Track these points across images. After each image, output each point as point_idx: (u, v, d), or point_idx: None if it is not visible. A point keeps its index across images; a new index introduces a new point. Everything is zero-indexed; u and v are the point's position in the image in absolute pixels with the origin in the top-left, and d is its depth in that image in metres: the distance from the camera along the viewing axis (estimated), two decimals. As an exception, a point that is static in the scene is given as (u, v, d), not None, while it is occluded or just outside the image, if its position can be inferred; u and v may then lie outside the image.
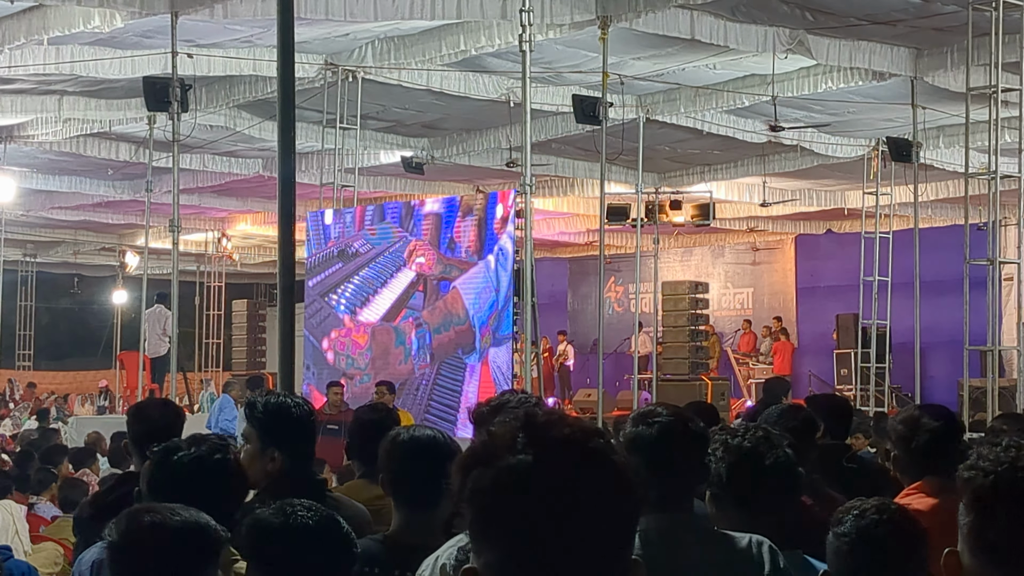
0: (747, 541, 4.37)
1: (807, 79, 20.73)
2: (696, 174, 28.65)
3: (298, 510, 3.96)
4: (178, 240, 19.26)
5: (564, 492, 2.12)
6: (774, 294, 37.48)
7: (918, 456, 5.70)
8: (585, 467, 2.15)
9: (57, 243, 40.62)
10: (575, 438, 2.17)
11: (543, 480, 2.12)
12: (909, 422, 5.82)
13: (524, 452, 2.14)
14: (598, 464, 2.17)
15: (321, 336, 21.28)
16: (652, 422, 4.44)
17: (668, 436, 4.40)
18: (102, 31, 17.66)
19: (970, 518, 2.49)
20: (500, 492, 2.14)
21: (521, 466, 2.13)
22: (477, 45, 18.77)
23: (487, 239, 19.23)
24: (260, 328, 36.69)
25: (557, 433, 2.18)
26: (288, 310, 8.34)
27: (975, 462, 2.53)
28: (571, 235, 36.89)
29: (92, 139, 25.93)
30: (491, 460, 2.17)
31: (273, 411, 5.49)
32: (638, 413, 4.53)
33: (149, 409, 6.79)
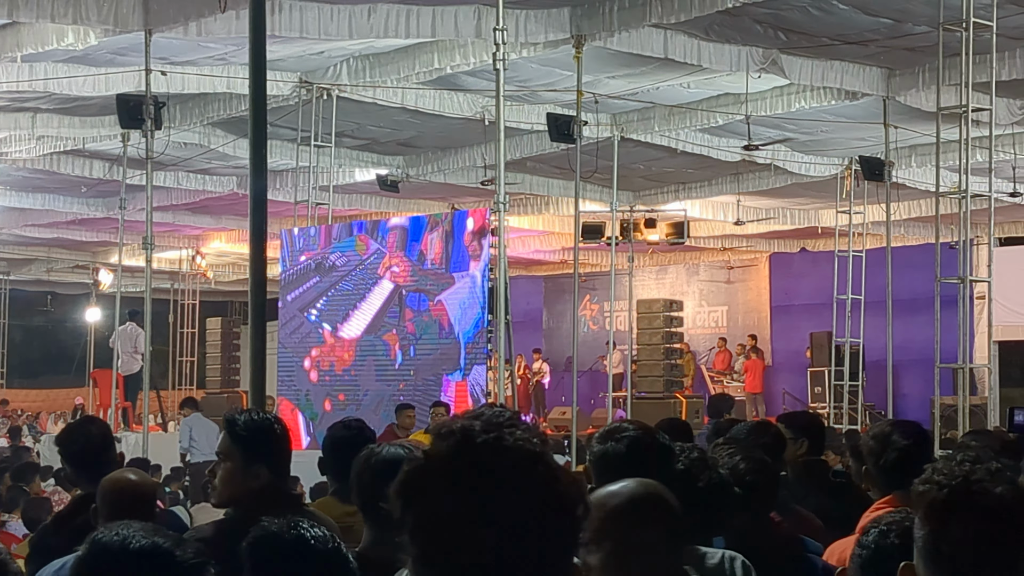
0: (720, 556, 4.39)
1: (780, 98, 20.84)
2: (670, 192, 28.70)
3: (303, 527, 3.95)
4: (151, 258, 19.21)
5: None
6: (748, 312, 37.52)
7: (887, 471, 5.74)
8: None
9: (30, 260, 40.48)
10: None
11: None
12: (880, 438, 5.87)
13: None
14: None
15: (302, 354, 21.21)
16: (620, 437, 4.45)
17: (636, 451, 4.42)
18: (76, 48, 17.64)
19: (924, 531, 2.53)
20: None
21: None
22: (452, 63, 18.82)
23: (454, 253, 19.22)
24: (234, 346, 36.52)
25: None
26: (259, 328, 8.33)
27: (930, 476, 2.58)
28: (546, 253, 36.91)
29: (66, 156, 25.87)
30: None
31: (256, 428, 5.50)
32: (605, 430, 4.56)
33: (77, 432, 6.81)
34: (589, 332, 37.77)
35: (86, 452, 6.55)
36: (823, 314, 27.27)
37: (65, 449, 6.70)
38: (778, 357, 35.72)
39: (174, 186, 27.80)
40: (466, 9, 16.91)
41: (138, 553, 3.39)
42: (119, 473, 6.28)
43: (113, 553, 3.40)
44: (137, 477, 6.38)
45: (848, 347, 24.69)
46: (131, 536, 3.43)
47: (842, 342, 24.93)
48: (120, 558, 3.40)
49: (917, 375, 27.93)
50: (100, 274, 37.01)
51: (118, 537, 3.42)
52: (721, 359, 35.88)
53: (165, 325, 37.30)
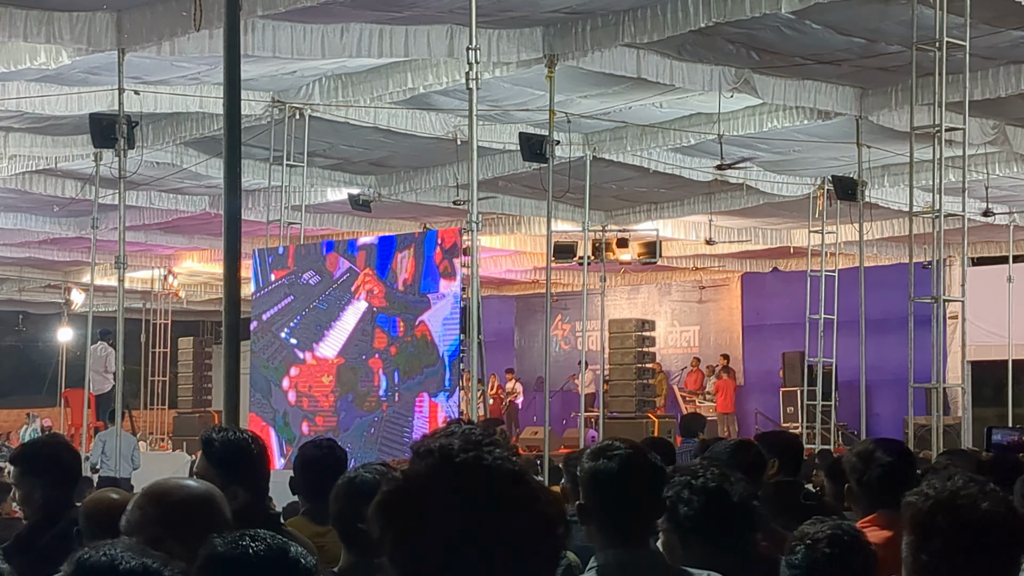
0: None
1: (753, 118, 20.84)
2: (643, 212, 28.70)
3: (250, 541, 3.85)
4: (124, 277, 19.09)
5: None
6: (720, 332, 37.56)
7: (871, 489, 5.71)
8: None
9: (2, 280, 40.27)
10: None
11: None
12: (863, 455, 5.84)
13: None
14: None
15: (280, 374, 21.04)
16: (612, 455, 4.40)
17: (628, 469, 4.36)
18: (48, 67, 17.54)
19: (908, 539, 2.57)
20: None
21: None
22: (424, 83, 18.77)
23: (426, 274, 19.12)
24: (206, 366, 36.50)
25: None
26: (233, 347, 8.26)
27: (922, 489, 2.61)
28: (518, 273, 36.87)
29: (38, 176, 25.71)
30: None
31: (233, 448, 5.43)
32: (596, 447, 4.49)
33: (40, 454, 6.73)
34: (561, 352, 37.76)
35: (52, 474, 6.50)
36: (795, 334, 27.30)
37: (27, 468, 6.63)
38: (750, 377, 35.76)
39: (146, 205, 27.69)
40: (439, 29, 16.87)
41: (128, 573, 3.31)
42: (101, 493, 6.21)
43: (102, 574, 3.32)
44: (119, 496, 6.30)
45: (820, 367, 24.71)
46: (119, 556, 3.34)
47: (814, 362, 24.95)
48: None
49: (890, 395, 27.98)
50: (72, 294, 36.89)
51: (106, 558, 3.34)
52: (693, 379, 35.92)
53: (137, 345, 37.11)
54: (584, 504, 4.38)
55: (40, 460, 6.45)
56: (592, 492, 4.37)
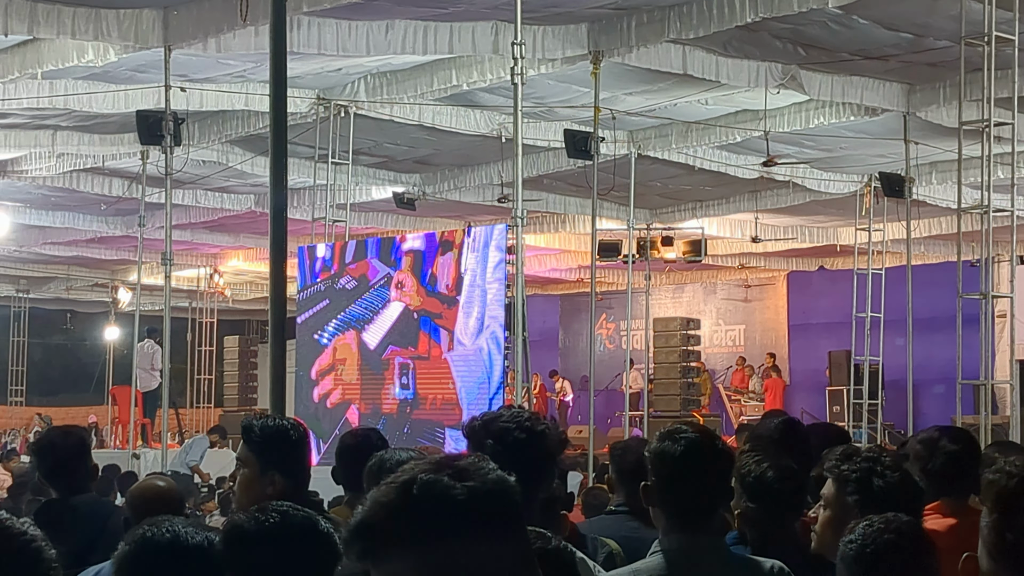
0: (770, 566, 4.34)
1: (799, 114, 20.70)
2: (688, 210, 28.59)
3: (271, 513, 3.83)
4: (170, 275, 19.15)
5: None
6: (766, 331, 37.39)
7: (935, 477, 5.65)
8: None
9: (50, 279, 40.49)
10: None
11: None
12: (928, 443, 5.79)
13: None
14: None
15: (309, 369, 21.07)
16: (679, 438, 4.39)
17: (694, 453, 4.36)
18: (96, 65, 17.61)
19: (990, 519, 2.54)
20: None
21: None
22: (469, 80, 18.71)
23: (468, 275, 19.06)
24: (252, 364, 36.58)
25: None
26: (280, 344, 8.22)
27: (1000, 467, 2.58)
28: (562, 272, 36.82)
29: (85, 174, 25.84)
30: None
31: (271, 434, 5.42)
32: (665, 430, 4.52)
33: (53, 442, 6.78)
34: (605, 351, 37.64)
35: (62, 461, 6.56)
36: (842, 333, 27.12)
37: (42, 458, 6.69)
38: (796, 376, 35.57)
39: (192, 204, 27.77)
40: (484, 25, 16.83)
41: (195, 549, 3.37)
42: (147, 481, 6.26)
43: (166, 549, 3.37)
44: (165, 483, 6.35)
45: (867, 366, 24.54)
46: (183, 532, 3.41)
47: (861, 361, 24.78)
48: (172, 552, 3.36)
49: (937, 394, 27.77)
50: (119, 292, 37.05)
51: (170, 533, 3.39)
52: (738, 378, 35.77)
53: (183, 343, 37.26)
54: (649, 485, 4.40)
55: None
56: (658, 473, 4.40)
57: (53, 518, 6.27)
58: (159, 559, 3.41)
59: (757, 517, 5.19)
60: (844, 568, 4.41)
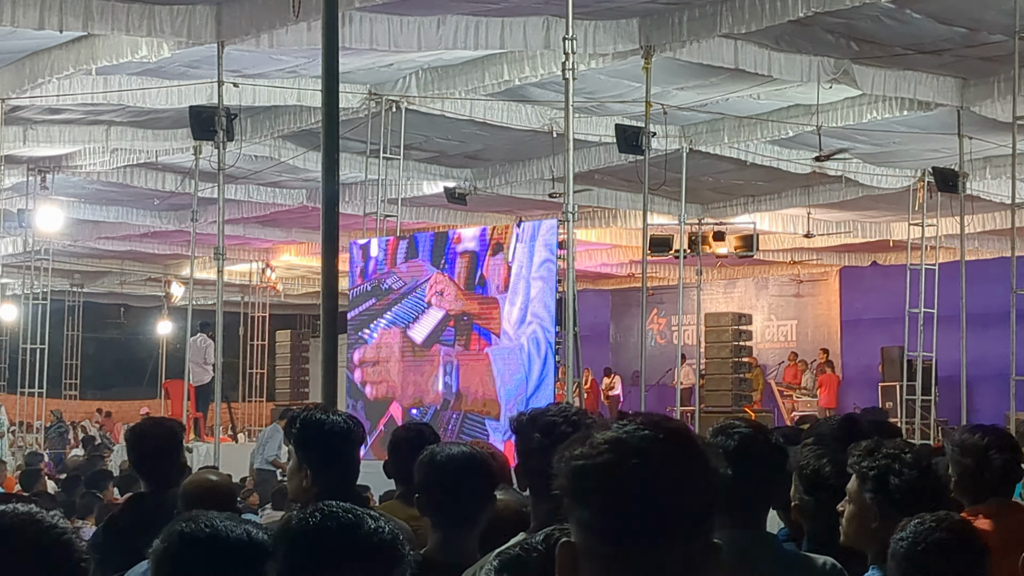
0: (822, 563, 4.34)
1: (852, 109, 20.61)
2: (740, 205, 28.51)
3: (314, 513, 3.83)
4: (223, 270, 19.25)
5: (652, 457, 2.28)
6: (818, 326, 37.25)
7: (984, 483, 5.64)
8: (682, 447, 2.35)
9: (104, 273, 40.79)
10: (661, 419, 2.36)
11: (634, 448, 2.29)
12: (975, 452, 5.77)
13: (618, 431, 2.30)
14: (691, 446, 2.36)
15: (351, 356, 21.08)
16: (732, 433, 4.38)
17: (748, 448, 4.36)
18: (149, 61, 17.72)
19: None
20: (595, 456, 2.28)
21: (615, 438, 2.30)
22: (520, 75, 18.74)
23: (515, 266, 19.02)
24: (303, 359, 36.66)
25: (647, 416, 2.35)
26: (331, 338, 8.26)
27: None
28: (613, 267, 36.81)
29: (139, 169, 26.04)
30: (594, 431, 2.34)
31: (305, 426, 5.43)
32: (718, 426, 4.52)
33: (145, 432, 6.79)
34: (656, 346, 37.59)
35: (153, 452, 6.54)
36: (894, 328, 26.97)
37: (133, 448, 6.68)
38: (848, 371, 35.42)
39: (245, 199, 27.90)
40: (535, 20, 16.85)
41: (235, 543, 3.32)
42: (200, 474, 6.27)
43: (204, 544, 3.33)
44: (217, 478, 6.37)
45: (920, 361, 24.40)
46: (221, 526, 3.34)
47: (914, 356, 24.63)
48: (211, 548, 3.32)
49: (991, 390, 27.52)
50: (172, 287, 37.25)
51: (209, 528, 3.33)
52: (791, 373, 35.63)
53: (235, 338, 37.40)
54: None
55: None
56: None
57: (140, 510, 6.26)
58: (197, 555, 3.35)
59: (813, 510, 5.19)
60: (895, 565, 4.41)
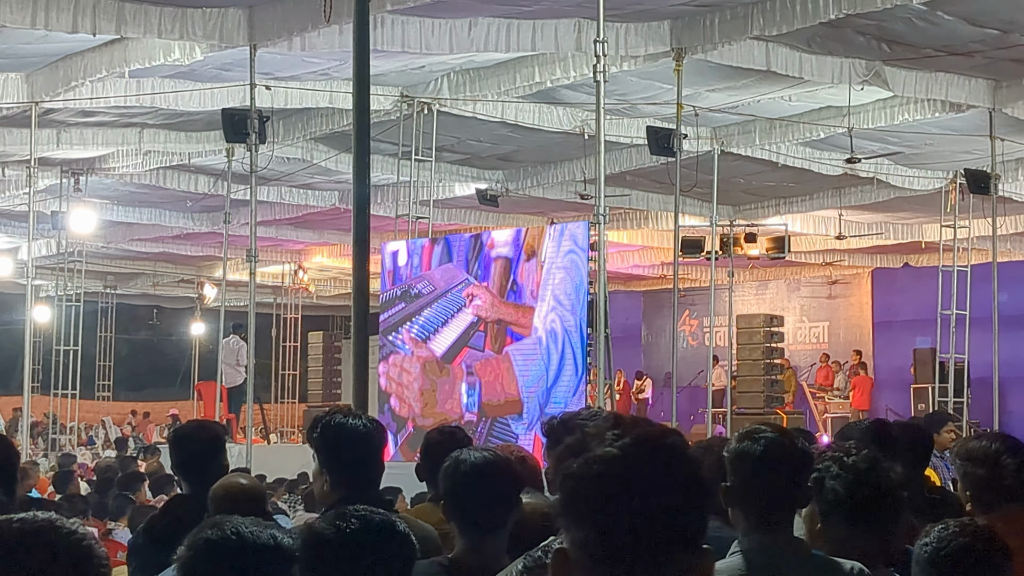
0: (849, 567, 4.36)
1: (884, 111, 20.59)
2: (771, 207, 28.49)
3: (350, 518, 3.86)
4: (255, 271, 19.32)
5: (643, 480, 2.29)
6: (850, 328, 37.18)
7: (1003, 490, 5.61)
8: (663, 459, 2.33)
9: (137, 275, 40.94)
10: (654, 434, 2.36)
11: (626, 468, 2.30)
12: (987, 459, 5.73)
13: (612, 444, 2.32)
14: (673, 457, 2.34)
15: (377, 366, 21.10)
16: (758, 438, 4.42)
17: (774, 453, 4.38)
18: (182, 64, 17.82)
19: None
20: (589, 479, 2.31)
21: (609, 456, 2.31)
22: (552, 77, 18.78)
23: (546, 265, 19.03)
24: (336, 360, 36.71)
25: (640, 431, 2.36)
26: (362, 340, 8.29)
27: None
28: (645, 268, 36.79)
29: (171, 171, 26.15)
30: (585, 450, 2.36)
31: (324, 430, 5.44)
32: (744, 431, 4.53)
33: (188, 434, 6.79)
34: (688, 348, 37.55)
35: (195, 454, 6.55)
36: (927, 330, 26.93)
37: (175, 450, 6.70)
38: (880, 373, 35.33)
39: (277, 201, 27.99)
40: (566, 23, 16.88)
41: (262, 549, 3.32)
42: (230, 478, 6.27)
43: (231, 551, 3.33)
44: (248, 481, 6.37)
45: (953, 363, 24.33)
46: (247, 532, 3.32)
47: (946, 358, 24.56)
48: (237, 553, 3.32)
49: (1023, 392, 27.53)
50: (204, 288, 37.36)
51: (235, 535, 3.32)
52: (822, 375, 35.55)
53: (268, 339, 37.52)
54: (729, 485, 4.40)
55: None
56: (737, 473, 4.41)
57: (180, 513, 6.25)
58: (223, 561, 3.36)
59: None
60: (919, 570, 4.42)
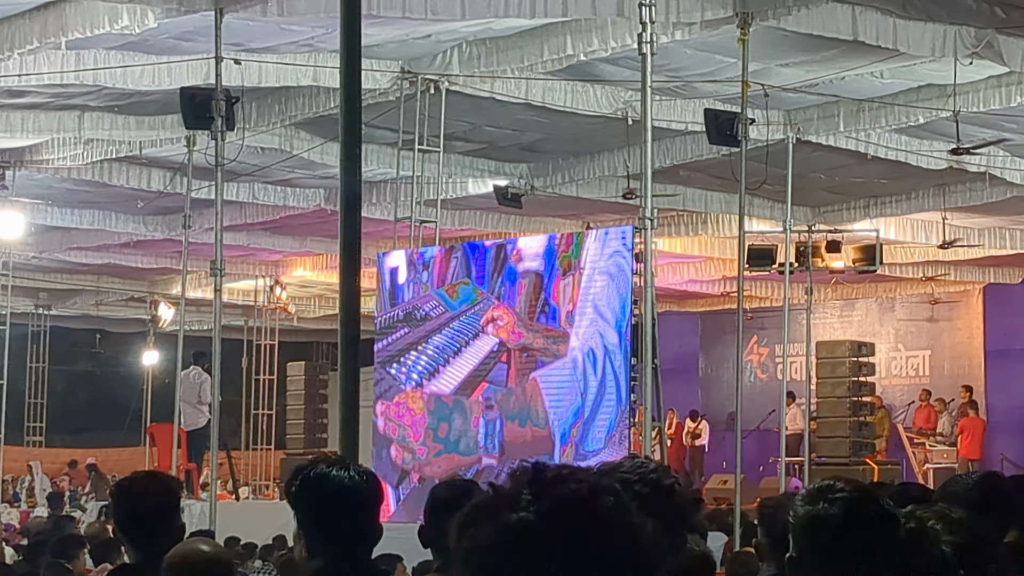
0: None
1: (997, 90, 20.59)
2: (859, 208, 28.49)
3: None
4: (221, 288, 19.36)
5: (565, 555, 2.22)
6: (957, 358, 37.14)
7: None
8: (591, 529, 2.25)
9: (76, 292, 41.01)
10: (581, 496, 2.27)
11: (542, 541, 2.23)
12: None
13: (527, 509, 2.24)
14: (605, 526, 2.26)
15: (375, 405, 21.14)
16: (834, 498, 4.41)
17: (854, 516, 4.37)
18: (132, 32, 17.81)
19: None
20: (496, 551, 2.25)
21: (521, 524, 2.24)
22: (587, 49, 18.79)
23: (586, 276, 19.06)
24: (321, 397, 36.72)
25: (563, 490, 2.27)
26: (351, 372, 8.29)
27: None
28: (703, 284, 36.78)
29: (119, 164, 26.17)
30: (492, 515, 2.28)
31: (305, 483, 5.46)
32: (813, 488, 4.52)
33: (135, 486, 6.80)
34: (757, 382, 37.59)
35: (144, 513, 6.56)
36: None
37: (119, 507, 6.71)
38: (995, 414, 35.29)
39: (249, 200, 28.01)
40: (606, -19, 16.92)
41: None
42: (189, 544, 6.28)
43: None
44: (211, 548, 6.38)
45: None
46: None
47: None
48: None
49: None
50: (159, 308, 37.44)
51: None
52: (923, 416, 35.52)
53: (237, 371, 37.58)
54: (795, 556, 4.41)
55: None
56: (808, 542, 4.41)
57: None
58: None
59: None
60: None
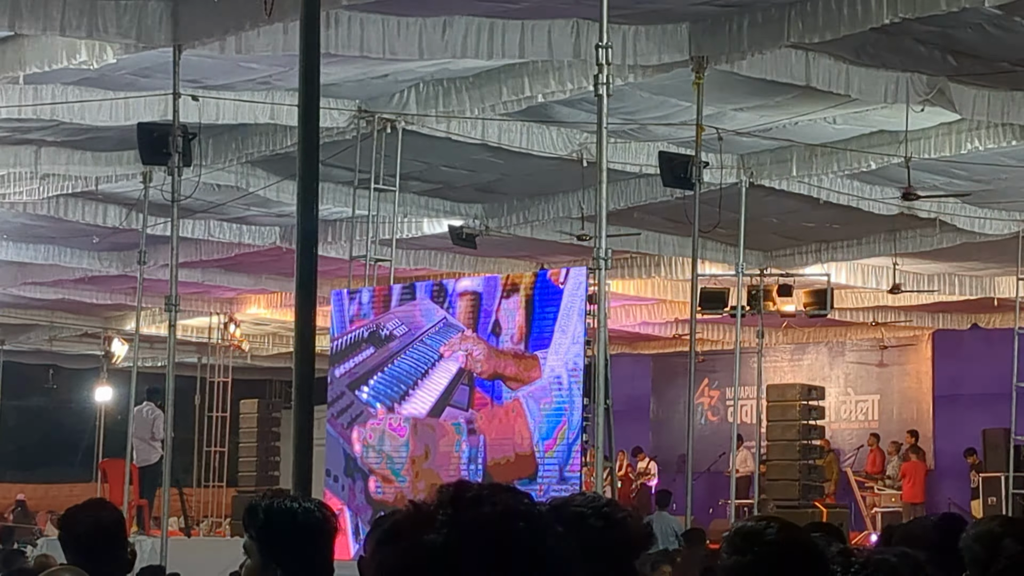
0: None
1: (948, 137, 20.65)
2: (811, 253, 28.55)
3: None
4: (176, 324, 19.27)
5: (478, 572, 2.19)
6: (906, 403, 37.24)
7: None
8: (499, 553, 2.21)
9: (29, 327, 40.81)
10: (492, 519, 2.23)
11: (453, 563, 2.19)
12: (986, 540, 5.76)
13: (439, 531, 2.21)
14: (515, 550, 2.22)
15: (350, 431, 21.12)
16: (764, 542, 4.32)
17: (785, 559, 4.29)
18: (90, 68, 17.78)
19: None
20: (407, 573, 2.21)
21: (431, 546, 2.20)
22: (544, 90, 18.81)
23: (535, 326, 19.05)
24: (273, 435, 36.61)
25: (475, 513, 2.24)
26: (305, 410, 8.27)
27: None
28: (655, 326, 36.81)
29: (74, 199, 26.04)
30: (405, 535, 2.24)
31: (274, 518, 5.43)
32: (738, 532, 4.43)
33: (81, 513, 6.74)
34: (707, 424, 37.63)
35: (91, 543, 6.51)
36: (999, 406, 26.94)
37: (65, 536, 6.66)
38: (943, 459, 35.39)
39: (204, 238, 27.94)
40: (562, 24, 16.91)
41: None
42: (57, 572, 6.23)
43: None
44: None
45: (1031, 447, 24.40)
46: None
47: (1023, 441, 24.62)
48: None
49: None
50: (113, 344, 37.27)
51: None
52: (872, 460, 35.60)
53: (190, 408, 37.38)
54: None
55: None
56: None
57: None
58: None
59: None
60: None
